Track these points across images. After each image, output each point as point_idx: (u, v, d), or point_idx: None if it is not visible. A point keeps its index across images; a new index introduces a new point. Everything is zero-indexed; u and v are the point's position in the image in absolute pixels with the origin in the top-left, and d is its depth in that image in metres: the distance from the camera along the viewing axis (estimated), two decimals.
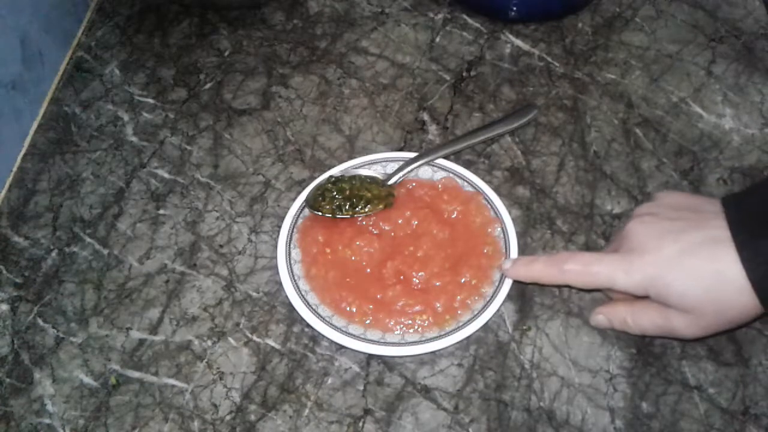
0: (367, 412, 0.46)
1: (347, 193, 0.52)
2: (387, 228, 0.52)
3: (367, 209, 0.52)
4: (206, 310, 0.51)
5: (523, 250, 0.52)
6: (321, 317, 0.48)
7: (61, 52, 0.66)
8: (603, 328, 0.48)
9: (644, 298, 0.45)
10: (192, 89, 0.64)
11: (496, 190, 0.54)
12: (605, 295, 0.50)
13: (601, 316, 0.47)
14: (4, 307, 0.51)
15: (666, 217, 0.44)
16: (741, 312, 0.42)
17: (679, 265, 0.42)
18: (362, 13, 0.69)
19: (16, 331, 0.50)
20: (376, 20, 0.68)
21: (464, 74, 0.64)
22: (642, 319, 0.45)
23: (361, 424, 0.46)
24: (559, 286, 0.50)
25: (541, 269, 0.47)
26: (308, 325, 0.48)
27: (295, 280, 0.50)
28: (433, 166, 0.56)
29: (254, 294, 0.51)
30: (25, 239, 0.55)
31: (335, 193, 0.52)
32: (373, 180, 0.54)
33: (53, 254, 0.54)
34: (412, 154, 0.56)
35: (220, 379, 0.48)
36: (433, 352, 0.48)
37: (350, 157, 0.58)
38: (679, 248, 0.42)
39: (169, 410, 0.47)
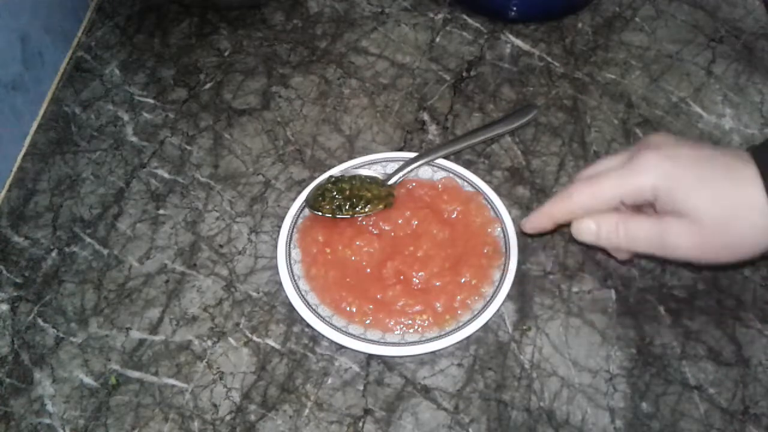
0: (367, 412, 0.46)
1: (347, 193, 0.52)
2: (387, 228, 0.52)
3: (367, 209, 0.52)
4: (206, 310, 0.51)
5: (523, 250, 0.52)
6: (321, 317, 0.48)
7: (61, 52, 0.66)
8: (587, 239, 0.45)
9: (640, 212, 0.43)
10: (192, 89, 0.64)
11: (496, 190, 0.54)
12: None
13: (590, 221, 0.44)
14: (4, 307, 0.51)
15: (684, 138, 0.43)
16: (747, 234, 0.39)
17: (695, 167, 0.40)
18: (362, 13, 0.69)
19: (16, 331, 0.50)
20: (376, 20, 0.68)
21: (464, 74, 0.64)
22: (634, 226, 0.42)
23: (361, 424, 0.46)
24: (568, 226, 0.47)
25: (553, 204, 0.46)
26: (308, 325, 0.48)
27: (295, 280, 0.50)
28: (433, 166, 0.56)
29: (254, 294, 0.51)
30: (25, 239, 0.55)
31: (335, 193, 0.52)
32: (373, 180, 0.54)
33: (53, 254, 0.54)
34: (412, 154, 0.56)
35: (220, 379, 0.48)
36: (433, 352, 0.48)
37: (350, 157, 0.58)
38: (698, 154, 0.40)
39: (169, 410, 0.47)
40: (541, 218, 0.47)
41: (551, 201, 0.47)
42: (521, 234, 0.53)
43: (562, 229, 0.53)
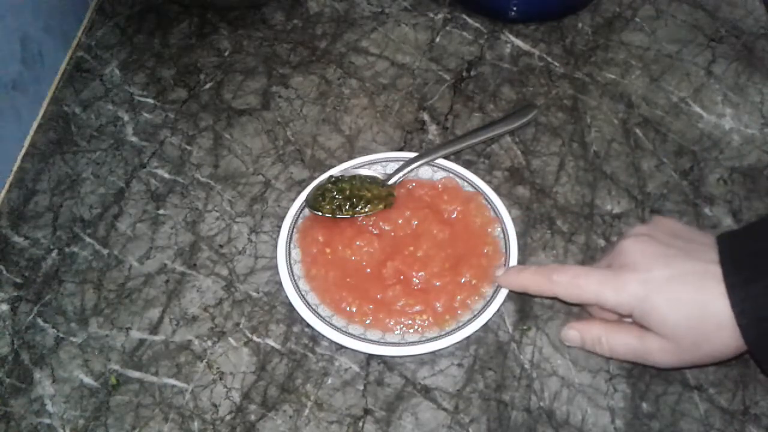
0: (367, 412, 0.46)
1: (347, 193, 0.52)
2: (387, 228, 0.52)
3: (367, 209, 0.52)
4: (206, 310, 0.51)
5: (523, 250, 0.52)
6: (321, 317, 0.48)
7: (61, 52, 0.66)
8: (572, 345, 0.48)
9: (622, 320, 0.46)
10: (192, 89, 0.64)
11: (496, 190, 0.54)
12: (586, 311, 0.49)
13: (573, 332, 0.47)
14: (4, 307, 0.51)
15: (661, 240, 0.44)
16: (718, 348, 0.42)
17: (667, 289, 0.42)
18: (362, 13, 0.69)
19: (16, 331, 0.50)
20: (376, 20, 0.68)
21: (464, 74, 0.64)
22: (617, 341, 0.45)
23: (361, 424, 0.46)
24: (546, 298, 0.49)
25: (529, 278, 0.47)
26: (308, 325, 0.48)
27: (295, 280, 0.50)
28: (433, 166, 0.56)
29: (254, 294, 0.51)
30: (25, 239, 0.55)
31: (335, 193, 0.52)
32: (373, 180, 0.54)
33: (53, 254, 0.54)
34: (412, 154, 0.56)
35: (220, 379, 0.48)
36: (433, 352, 0.48)
37: (350, 157, 0.58)
38: (669, 273, 0.42)
39: (169, 410, 0.47)
40: (517, 281, 0.48)
41: (530, 273, 0.47)
42: (521, 234, 0.53)
43: (562, 229, 0.54)
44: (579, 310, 0.50)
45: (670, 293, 0.42)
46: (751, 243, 0.42)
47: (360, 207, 0.52)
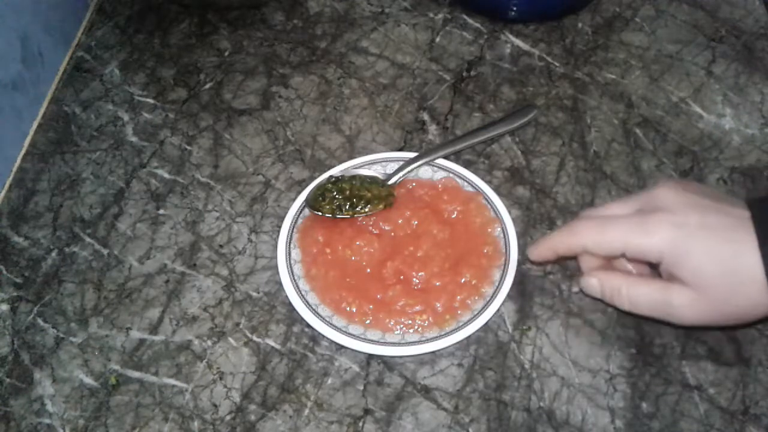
0: (367, 412, 0.46)
1: (347, 193, 0.52)
2: (387, 228, 0.52)
3: (367, 209, 0.52)
4: (206, 310, 0.51)
5: (523, 250, 0.52)
6: (321, 317, 0.48)
7: (61, 52, 0.66)
8: (590, 293, 0.46)
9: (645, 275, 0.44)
10: (192, 89, 0.64)
11: (496, 190, 0.54)
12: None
13: (594, 280, 0.45)
14: (4, 307, 0.51)
15: (695, 191, 0.43)
16: (747, 304, 0.40)
17: (702, 237, 0.41)
18: (362, 13, 0.69)
19: (16, 331, 0.50)
20: (376, 20, 0.68)
21: (464, 74, 0.64)
22: (639, 291, 0.43)
23: (361, 424, 0.46)
24: (575, 258, 0.48)
25: (556, 238, 0.46)
26: (308, 325, 0.48)
27: (295, 280, 0.50)
28: (433, 166, 0.56)
29: (254, 294, 0.51)
30: (25, 239, 0.55)
31: (335, 193, 0.52)
32: (373, 180, 0.54)
33: (53, 254, 0.54)
34: (412, 154, 0.56)
35: (220, 379, 0.48)
36: (433, 352, 0.48)
37: (350, 157, 0.58)
38: (704, 221, 0.41)
39: (169, 410, 0.47)
40: (545, 250, 0.47)
41: (556, 234, 0.47)
42: (521, 234, 0.53)
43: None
44: (579, 310, 0.50)
45: (704, 241, 0.41)
46: None
47: (360, 207, 0.52)
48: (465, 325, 0.47)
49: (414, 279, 0.50)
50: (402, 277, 0.50)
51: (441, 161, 0.56)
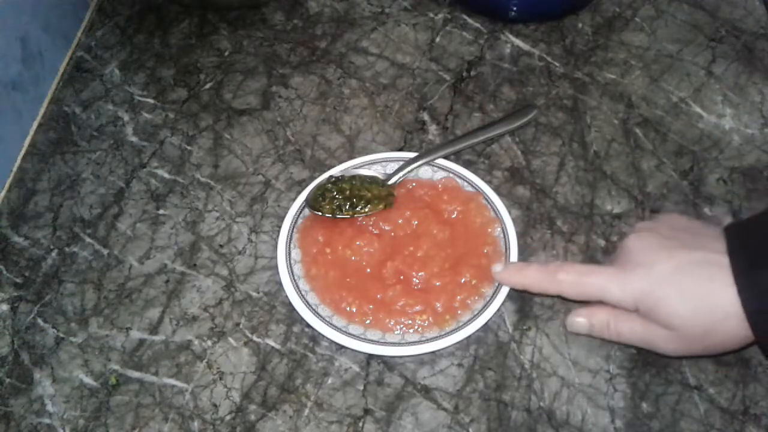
0: (367, 412, 0.46)
1: (347, 193, 0.52)
2: (387, 228, 0.52)
3: (367, 209, 0.52)
4: (206, 310, 0.51)
5: (523, 250, 0.52)
6: (321, 317, 0.48)
7: (61, 52, 0.66)
8: (579, 332, 0.47)
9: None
10: (192, 89, 0.64)
11: (496, 190, 0.54)
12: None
13: (580, 318, 0.47)
14: (4, 307, 0.51)
15: (664, 234, 0.44)
16: (725, 338, 0.42)
17: (671, 282, 0.42)
18: (362, 13, 0.69)
19: (16, 331, 0.50)
20: (376, 20, 0.68)
21: (464, 74, 0.64)
22: (623, 326, 0.45)
23: (361, 424, 0.46)
24: (549, 296, 0.49)
25: (533, 276, 0.47)
26: (308, 325, 0.48)
27: (295, 280, 0.50)
28: (433, 166, 0.56)
29: (254, 294, 0.51)
30: (25, 239, 0.55)
31: (335, 193, 0.52)
32: (373, 180, 0.54)
33: (53, 254, 0.54)
34: (412, 154, 0.56)
35: (220, 379, 0.48)
36: (433, 352, 0.48)
37: (350, 157, 0.58)
38: (673, 265, 0.42)
39: (169, 410, 0.47)
40: (519, 279, 0.48)
41: (533, 270, 0.47)
42: (521, 234, 0.53)
43: (562, 229, 0.54)
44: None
45: (674, 286, 0.42)
46: (758, 231, 0.42)
47: (360, 207, 0.52)
48: (465, 325, 0.47)
49: (414, 279, 0.50)
50: (402, 277, 0.50)
51: (441, 161, 0.56)
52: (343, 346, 0.48)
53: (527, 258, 0.52)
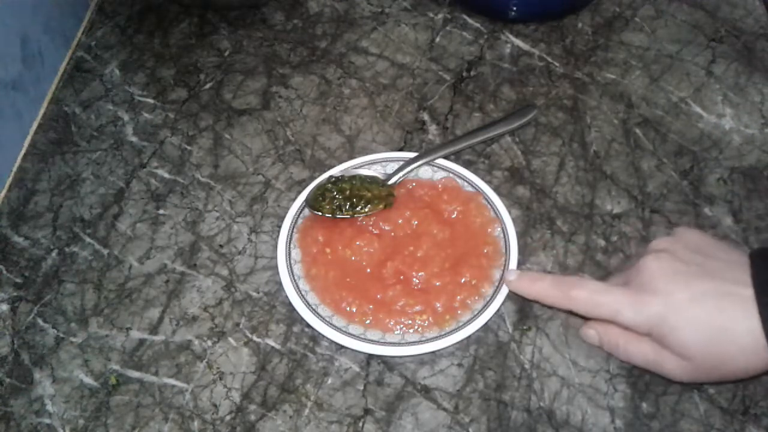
0: (367, 412, 0.46)
1: (347, 193, 0.52)
2: (387, 228, 0.52)
3: (367, 209, 0.52)
4: (206, 310, 0.51)
5: (523, 250, 0.52)
6: (321, 317, 0.48)
7: (61, 52, 0.66)
8: (589, 342, 0.47)
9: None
10: (192, 89, 0.64)
11: (496, 190, 0.54)
12: None
13: (593, 331, 0.47)
14: (4, 307, 0.51)
15: (682, 258, 0.43)
16: (739, 368, 0.41)
17: (687, 312, 0.41)
18: (362, 13, 0.69)
19: (16, 331, 0.50)
20: (376, 20, 0.68)
21: (464, 74, 0.64)
22: (634, 350, 0.45)
23: (361, 424, 0.46)
24: (560, 310, 0.49)
25: (546, 289, 0.47)
26: (308, 325, 0.48)
27: (295, 280, 0.50)
28: (433, 166, 0.56)
29: (254, 294, 0.51)
30: (25, 239, 0.55)
31: (335, 193, 0.52)
32: (373, 180, 0.54)
33: (53, 254, 0.54)
34: (412, 154, 0.56)
35: (220, 379, 0.48)
36: (433, 352, 0.48)
37: (350, 157, 0.58)
38: (688, 295, 0.42)
39: (169, 410, 0.47)
40: (531, 290, 0.48)
41: (548, 284, 0.47)
42: (521, 234, 0.53)
43: (562, 229, 0.54)
44: None
45: (689, 316, 0.41)
46: None
47: (360, 207, 0.52)
48: (465, 325, 0.47)
49: (414, 279, 0.50)
50: (402, 277, 0.50)
51: (441, 161, 0.56)
52: (343, 346, 0.48)
53: (527, 257, 0.52)
